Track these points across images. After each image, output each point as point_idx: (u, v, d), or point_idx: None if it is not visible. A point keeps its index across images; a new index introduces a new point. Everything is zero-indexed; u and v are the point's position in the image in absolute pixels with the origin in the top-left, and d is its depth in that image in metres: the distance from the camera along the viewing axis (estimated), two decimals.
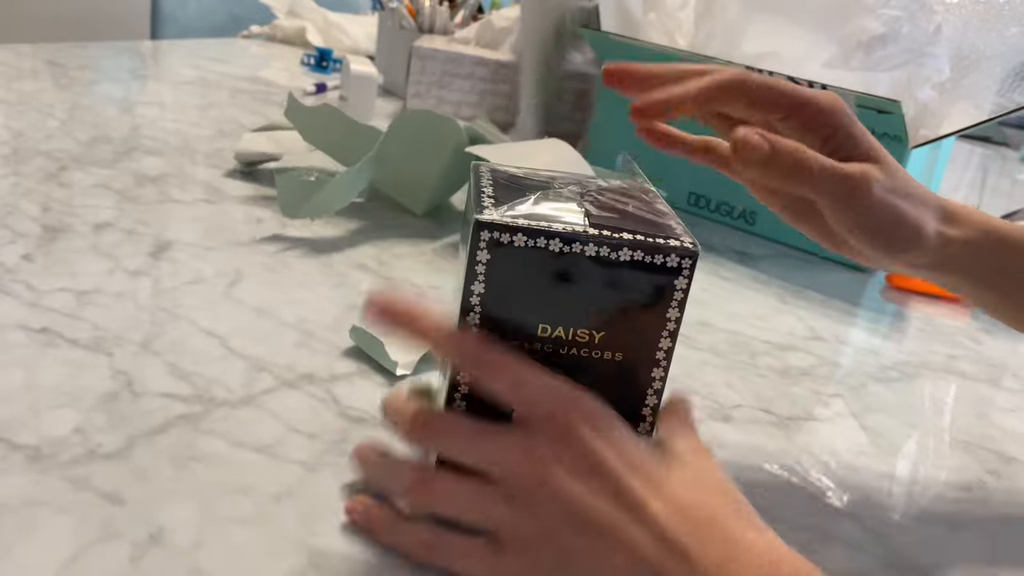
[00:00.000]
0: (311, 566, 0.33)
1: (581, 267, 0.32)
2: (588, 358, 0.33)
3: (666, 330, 0.33)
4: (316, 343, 0.49)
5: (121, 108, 0.91)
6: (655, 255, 0.32)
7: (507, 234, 0.31)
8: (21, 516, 0.33)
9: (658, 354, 0.34)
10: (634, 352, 0.33)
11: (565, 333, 0.33)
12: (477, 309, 0.32)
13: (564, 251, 0.31)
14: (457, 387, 0.34)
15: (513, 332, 0.33)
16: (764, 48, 0.79)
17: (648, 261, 0.32)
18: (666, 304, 0.33)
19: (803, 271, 0.75)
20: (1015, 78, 0.74)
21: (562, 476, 0.31)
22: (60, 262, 0.53)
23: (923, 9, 0.75)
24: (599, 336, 0.33)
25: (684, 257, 0.32)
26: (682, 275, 0.32)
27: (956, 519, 0.43)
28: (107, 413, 0.39)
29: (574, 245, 0.31)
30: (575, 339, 0.33)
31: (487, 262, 0.32)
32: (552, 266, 0.32)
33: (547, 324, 0.33)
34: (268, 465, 0.38)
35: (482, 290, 0.32)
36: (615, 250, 0.32)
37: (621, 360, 0.33)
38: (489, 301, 0.32)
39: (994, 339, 0.67)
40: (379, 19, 1.29)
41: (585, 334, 0.33)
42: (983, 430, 0.53)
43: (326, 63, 1.30)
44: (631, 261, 0.32)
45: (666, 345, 0.34)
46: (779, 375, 0.55)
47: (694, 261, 0.32)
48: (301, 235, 0.64)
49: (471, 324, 0.32)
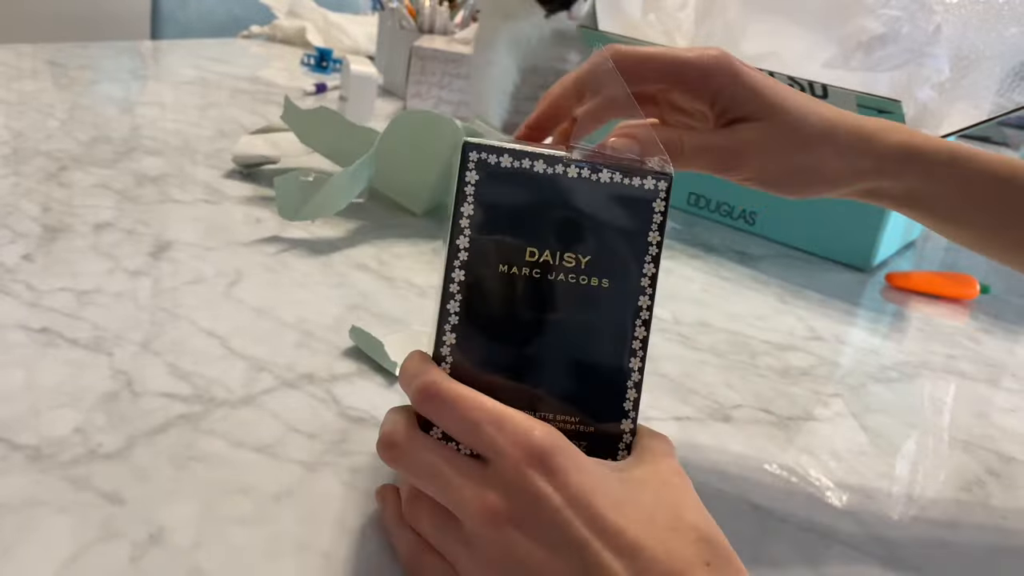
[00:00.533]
0: (311, 566, 0.33)
1: (564, 189, 0.33)
2: (576, 284, 0.34)
3: (648, 255, 0.34)
4: (316, 343, 0.49)
5: (121, 108, 0.91)
6: (632, 177, 0.34)
7: (494, 155, 0.33)
8: (21, 516, 0.33)
9: (643, 280, 0.34)
10: (620, 278, 0.34)
11: (552, 257, 0.34)
12: (466, 232, 0.33)
13: (547, 172, 0.33)
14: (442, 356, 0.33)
15: (503, 255, 0.33)
16: (764, 48, 0.79)
17: (626, 183, 0.34)
18: (647, 227, 0.34)
19: (803, 271, 0.75)
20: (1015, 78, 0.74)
21: (514, 531, 0.29)
22: (60, 262, 0.54)
23: (923, 9, 0.75)
24: (585, 261, 0.34)
25: (659, 179, 0.34)
26: (659, 197, 0.34)
27: (956, 519, 0.43)
28: (107, 413, 0.39)
29: (557, 166, 0.33)
30: (562, 263, 0.34)
31: (475, 183, 0.33)
32: (537, 187, 0.33)
33: (534, 248, 0.33)
34: (268, 465, 0.38)
35: (471, 211, 0.33)
36: (595, 172, 0.33)
37: (608, 287, 0.34)
38: (477, 223, 0.33)
39: (994, 339, 0.67)
40: (379, 19, 1.29)
41: (572, 258, 0.34)
42: (983, 430, 0.53)
43: (326, 63, 1.30)
44: (611, 182, 0.34)
45: (650, 271, 0.34)
46: (779, 375, 0.55)
47: (669, 183, 0.34)
48: (301, 235, 0.64)
49: (460, 248, 0.33)
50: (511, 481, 0.29)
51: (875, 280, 0.77)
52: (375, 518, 0.36)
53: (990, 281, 0.77)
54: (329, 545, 0.34)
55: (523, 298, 0.34)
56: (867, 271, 0.78)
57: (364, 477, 0.38)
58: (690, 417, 0.48)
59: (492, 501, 0.29)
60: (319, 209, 0.63)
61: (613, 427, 0.34)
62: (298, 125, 0.72)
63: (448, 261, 0.33)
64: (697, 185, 0.86)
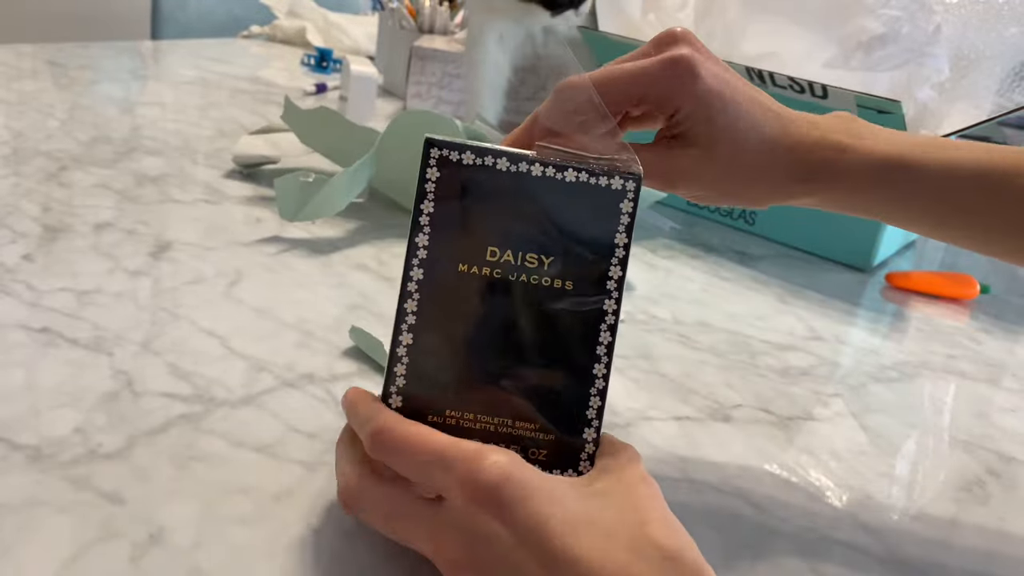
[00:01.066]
0: (311, 566, 0.33)
1: (528, 188, 0.32)
2: (538, 286, 0.33)
3: (615, 257, 0.33)
4: (316, 343, 0.49)
5: (121, 108, 0.91)
6: (599, 177, 0.33)
7: (456, 152, 0.32)
8: (21, 516, 0.33)
9: (608, 284, 0.33)
10: (584, 281, 0.33)
11: (514, 257, 0.33)
12: (426, 229, 0.33)
13: (511, 170, 0.32)
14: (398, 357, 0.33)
15: (461, 255, 0.33)
16: (764, 48, 0.79)
17: (593, 183, 0.33)
18: (614, 228, 0.33)
19: (803, 271, 0.75)
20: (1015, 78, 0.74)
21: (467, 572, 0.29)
22: (60, 262, 0.54)
23: (923, 9, 0.75)
24: (548, 261, 0.33)
25: (627, 180, 0.33)
26: (627, 198, 0.33)
27: (956, 519, 0.43)
28: (107, 413, 0.39)
29: (520, 164, 0.32)
30: (524, 264, 0.33)
31: (436, 180, 0.33)
32: (500, 186, 0.32)
33: (496, 247, 0.33)
34: (268, 465, 0.38)
35: (431, 209, 0.33)
36: (560, 171, 0.33)
37: (572, 289, 0.33)
38: (437, 221, 0.33)
39: (994, 339, 0.67)
40: (379, 19, 1.29)
41: (534, 259, 0.33)
42: (983, 430, 0.53)
43: (326, 63, 1.30)
44: (576, 182, 0.33)
45: (616, 274, 0.33)
46: (779, 375, 0.55)
47: (638, 184, 0.33)
48: (301, 235, 0.64)
49: (419, 246, 0.32)
50: (462, 523, 0.29)
51: (875, 280, 0.77)
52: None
53: (990, 281, 0.77)
54: (329, 545, 0.34)
55: (482, 299, 0.33)
56: (867, 271, 0.78)
57: None
58: (690, 417, 0.48)
59: (447, 548, 0.30)
60: (319, 210, 0.63)
61: (575, 436, 0.33)
62: (298, 125, 0.72)
63: (407, 259, 0.33)
64: None
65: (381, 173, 0.69)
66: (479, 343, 0.33)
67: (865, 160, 0.40)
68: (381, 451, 0.31)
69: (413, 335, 0.33)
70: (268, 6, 1.51)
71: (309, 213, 0.63)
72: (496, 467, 0.29)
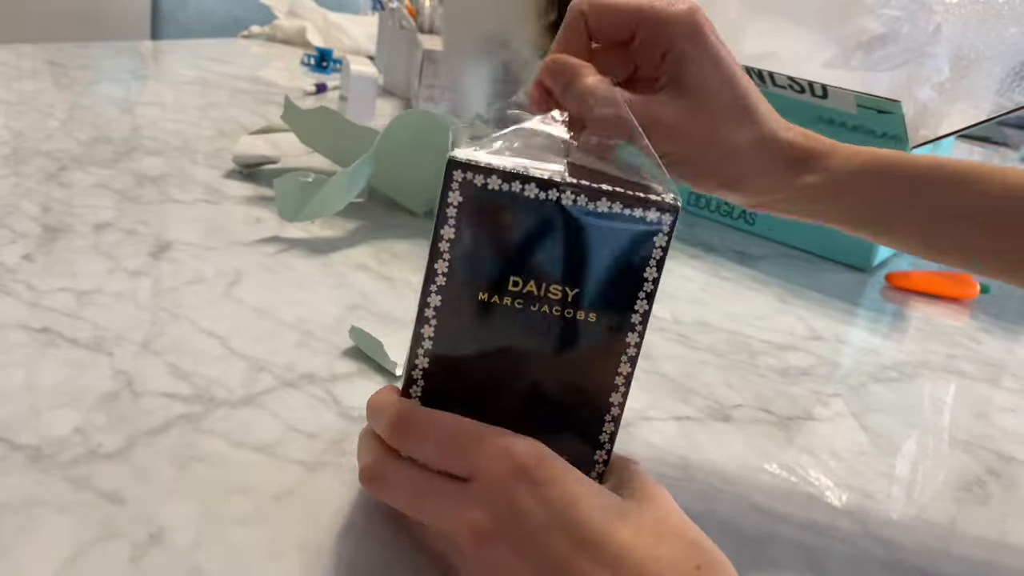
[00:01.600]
0: (311, 566, 0.33)
1: (557, 217, 0.30)
2: (561, 317, 0.31)
3: (643, 291, 0.31)
4: (316, 343, 0.49)
5: (121, 108, 0.91)
6: (634, 208, 0.30)
7: (481, 176, 0.30)
8: (21, 516, 0.33)
9: (633, 317, 0.32)
10: (609, 314, 0.32)
11: (537, 288, 0.31)
12: (445, 256, 0.31)
13: (540, 198, 0.30)
14: (414, 379, 0.33)
15: (483, 282, 0.31)
16: (764, 48, 0.79)
17: (627, 214, 0.30)
18: (644, 263, 0.31)
19: (803, 271, 0.75)
20: (1015, 78, 0.74)
21: (498, 548, 0.29)
22: (60, 262, 0.54)
23: (923, 9, 0.75)
24: (572, 293, 0.31)
25: (664, 212, 0.30)
26: (662, 232, 0.31)
27: (956, 519, 0.43)
28: (107, 413, 0.39)
29: (550, 192, 0.30)
30: (547, 295, 0.31)
31: (459, 205, 0.30)
32: (527, 213, 0.30)
33: (519, 277, 0.31)
34: (268, 465, 0.38)
35: (452, 235, 0.30)
36: (593, 200, 0.30)
37: (594, 322, 0.31)
38: (458, 247, 0.30)
39: (994, 339, 0.67)
40: (379, 19, 1.29)
41: (558, 290, 0.31)
42: (983, 430, 0.53)
43: (326, 63, 1.30)
44: (609, 213, 0.30)
45: (642, 308, 0.32)
46: (779, 375, 0.55)
47: (675, 217, 0.31)
48: (300, 235, 0.64)
49: (438, 272, 0.31)
50: (494, 497, 0.29)
51: (875, 280, 0.77)
52: (375, 518, 0.36)
53: (990, 281, 0.77)
54: (329, 545, 0.34)
55: (502, 328, 0.32)
56: (867, 271, 0.78)
57: None
58: (690, 417, 0.48)
59: (476, 519, 0.29)
60: (319, 209, 0.63)
61: (585, 458, 0.33)
62: (298, 125, 0.72)
63: (425, 284, 0.31)
64: None
65: (381, 173, 0.69)
66: (497, 370, 0.32)
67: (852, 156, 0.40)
68: (405, 435, 0.31)
69: (429, 360, 0.32)
70: (268, 6, 1.51)
71: (309, 213, 0.63)
72: (531, 447, 0.30)
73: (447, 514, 0.30)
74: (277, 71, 1.25)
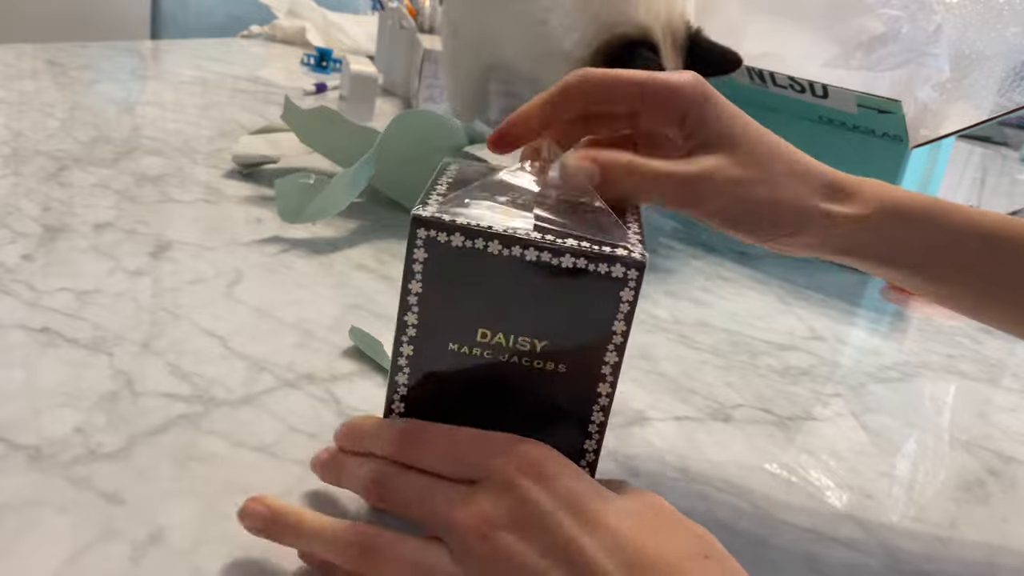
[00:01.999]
0: (311, 567, 0.33)
1: (522, 272, 0.30)
2: (530, 367, 0.32)
3: (611, 344, 0.31)
4: (316, 343, 0.49)
5: (121, 108, 0.91)
6: (599, 263, 0.30)
7: (444, 233, 0.30)
8: (21, 516, 0.33)
9: (603, 368, 0.32)
10: (578, 365, 0.32)
11: (506, 340, 0.31)
12: (414, 308, 0.31)
13: (503, 253, 0.30)
14: (396, 393, 0.33)
15: (451, 335, 0.32)
16: (764, 48, 0.79)
17: (591, 269, 0.30)
18: (611, 316, 0.31)
19: (803, 271, 0.75)
20: (1015, 78, 0.74)
21: (505, 535, 0.29)
22: (60, 262, 0.54)
23: (923, 9, 0.75)
24: (541, 345, 0.31)
25: (630, 267, 0.30)
26: (628, 287, 0.30)
27: (956, 519, 0.43)
28: (107, 413, 0.39)
29: (513, 248, 0.30)
30: (516, 347, 0.31)
31: (424, 261, 0.31)
32: (491, 269, 0.30)
33: (487, 329, 0.31)
34: (268, 465, 0.38)
35: (419, 289, 0.31)
36: (556, 256, 0.30)
37: (565, 372, 0.32)
38: (426, 301, 0.31)
39: (994, 339, 0.67)
40: (379, 19, 1.29)
41: (526, 342, 0.31)
42: (983, 430, 0.53)
43: (326, 63, 1.30)
44: (573, 269, 0.30)
45: (612, 360, 0.32)
46: (779, 375, 0.55)
47: (641, 272, 0.30)
48: (301, 235, 0.64)
49: (408, 324, 0.32)
50: (502, 491, 0.29)
51: (875, 280, 0.77)
52: (374, 518, 0.36)
53: None
54: None
55: (474, 377, 0.32)
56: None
57: None
58: (690, 417, 0.48)
59: (483, 511, 0.29)
60: (320, 211, 0.63)
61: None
62: (298, 125, 0.72)
63: (396, 335, 0.32)
64: None
65: (381, 173, 0.69)
66: (470, 418, 0.32)
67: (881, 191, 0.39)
68: (414, 443, 0.32)
69: (405, 405, 0.33)
70: (268, 6, 1.51)
71: (310, 215, 0.63)
72: (538, 448, 0.30)
73: (455, 512, 0.30)
74: (277, 71, 1.25)
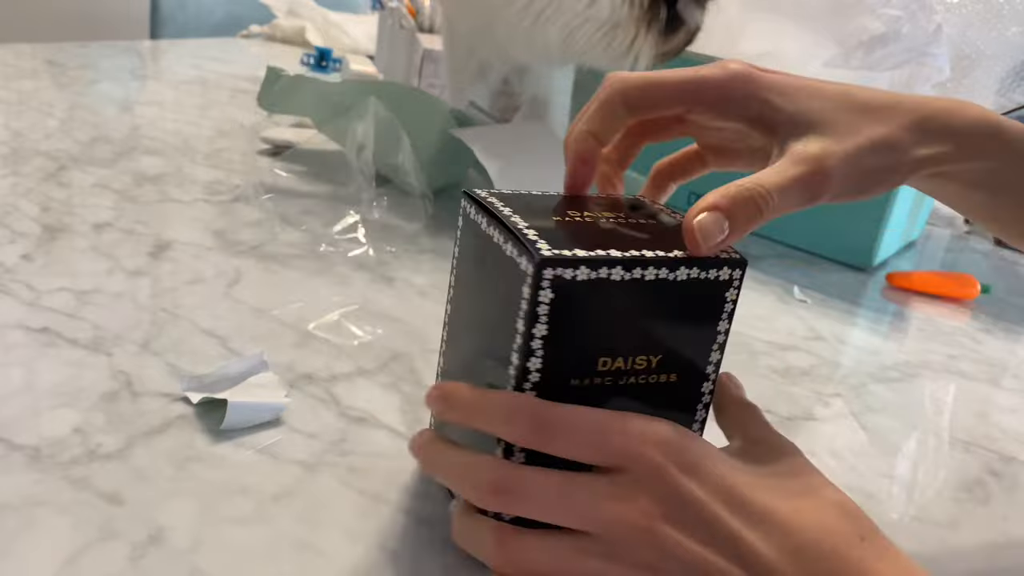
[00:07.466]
0: (311, 566, 0.33)
1: (640, 292, 0.31)
2: (645, 384, 0.32)
3: (716, 343, 0.33)
4: (316, 343, 0.49)
5: (121, 108, 0.91)
6: (710, 269, 0.32)
7: (570, 269, 0.29)
8: (21, 516, 0.33)
9: (708, 368, 0.33)
10: (688, 370, 0.33)
11: (625, 363, 0.32)
12: (538, 353, 0.30)
13: (625, 278, 0.30)
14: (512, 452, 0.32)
15: (575, 370, 0.31)
16: (764, 47, 0.79)
17: (703, 277, 0.31)
18: (717, 317, 0.33)
19: (803, 271, 0.75)
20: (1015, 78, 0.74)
21: (666, 528, 0.29)
22: (60, 262, 0.53)
23: (923, 9, 0.75)
24: (656, 360, 0.32)
25: (734, 268, 0.32)
26: (733, 287, 0.32)
27: (956, 519, 0.43)
28: (107, 413, 0.39)
29: (634, 270, 0.30)
30: (634, 367, 0.32)
31: (550, 301, 0.30)
32: (612, 295, 0.30)
33: (607, 357, 0.31)
34: (268, 465, 0.38)
35: (544, 332, 0.30)
36: (673, 270, 0.31)
37: (676, 381, 0.33)
38: (551, 342, 0.30)
39: (994, 339, 0.67)
40: (379, 19, 1.29)
41: (644, 360, 0.32)
42: (983, 430, 0.53)
43: (326, 63, 1.30)
44: (687, 279, 0.31)
45: (716, 358, 0.33)
46: (779, 375, 0.55)
47: (743, 271, 0.32)
48: (301, 235, 0.64)
49: (532, 370, 0.31)
50: (654, 483, 0.29)
51: (876, 280, 0.77)
52: (374, 518, 0.36)
53: (991, 281, 0.77)
54: (329, 545, 0.34)
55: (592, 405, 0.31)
56: (867, 271, 0.78)
57: (363, 477, 0.38)
58: None
59: (642, 507, 0.29)
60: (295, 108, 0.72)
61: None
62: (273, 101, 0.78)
63: (516, 383, 0.31)
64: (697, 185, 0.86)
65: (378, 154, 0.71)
66: None
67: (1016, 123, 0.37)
68: (548, 430, 0.30)
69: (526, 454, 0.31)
70: (268, 5, 1.51)
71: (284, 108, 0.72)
72: (670, 429, 0.31)
73: (603, 508, 0.29)
74: None
